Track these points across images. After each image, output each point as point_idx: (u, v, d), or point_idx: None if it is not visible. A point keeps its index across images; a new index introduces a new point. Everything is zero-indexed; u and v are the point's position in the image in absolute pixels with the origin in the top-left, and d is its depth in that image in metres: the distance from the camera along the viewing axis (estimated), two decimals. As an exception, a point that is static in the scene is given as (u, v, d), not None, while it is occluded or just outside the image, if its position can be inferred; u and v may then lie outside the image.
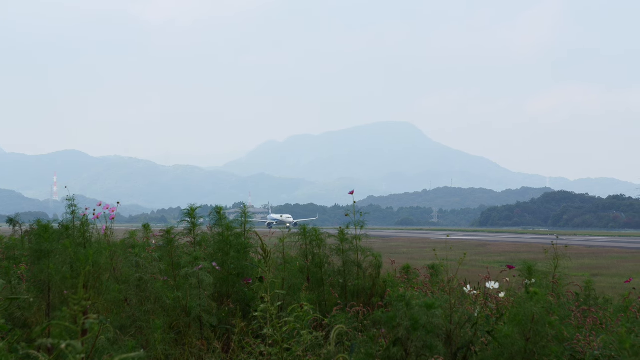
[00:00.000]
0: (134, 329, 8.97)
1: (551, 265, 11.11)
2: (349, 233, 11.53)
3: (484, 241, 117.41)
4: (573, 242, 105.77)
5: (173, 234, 10.65)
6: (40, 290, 9.13)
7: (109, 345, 7.20)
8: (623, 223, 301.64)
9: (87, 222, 11.27)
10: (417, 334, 7.22)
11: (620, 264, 61.91)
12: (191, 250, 10.64)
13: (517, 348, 7.51)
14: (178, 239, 10.75)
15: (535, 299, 7.51)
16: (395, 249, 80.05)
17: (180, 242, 10.85)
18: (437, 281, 12.37)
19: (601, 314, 9.94)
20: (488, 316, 8.91)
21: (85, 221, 11.26)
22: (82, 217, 11.33)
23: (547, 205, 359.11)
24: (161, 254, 10.32)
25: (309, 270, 11.27)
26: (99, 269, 9.80)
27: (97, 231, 11.89)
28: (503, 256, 68.79)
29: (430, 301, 7.39)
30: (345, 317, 9.16)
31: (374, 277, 11.41)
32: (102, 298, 9.51)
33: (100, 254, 9.82)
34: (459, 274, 10.54)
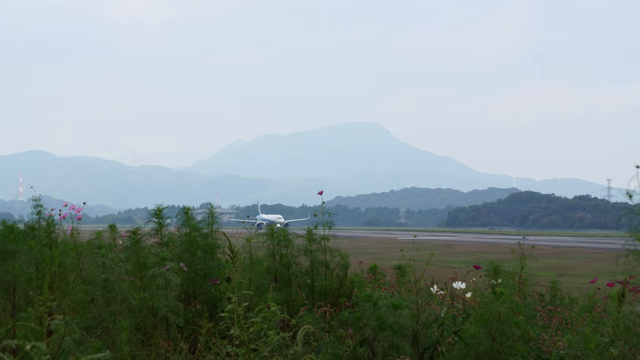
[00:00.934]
0: (100, 330, 8.91)
1: (517, 266, 11.17)
2: (317, 233, 11.53)
3: (451, 241, 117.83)
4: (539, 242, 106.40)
5: (140, 235, 10.61)
6: (5, 291, 9.06)
7: (75, 346, 7.15)
8: (589, 223, 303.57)
9: (53, 223, 11.22)
10: (384, 334, 7.22)
11: (586, 264, 62.31)
12: (158, 251, 10.59)
13: (484, 348, 7.53)
14: (145, 239, 10.70)
15: (501, 299, 7.53)
16: (363, 249, 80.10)
17: (147, 242, 10.81)
18: (404, 281, 12.39)
19: (567, 313, 9.99)
20: (455, 316, 8.94)
21: (51, 222, 11.20)
22: (48, 217, 11.28)
23: (513, 206, 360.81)
24: (128, 254, 10.27)
25: (276, 271, 11.26)
26: (65, 270, 9.75)
27: (63, 232, 11.83)
28: (470, 256, 69.04)
29: (397, 301, 7.39)
30: (313, 318, 9.16)
31: (342, 277, 11.42)
32: (68, 299, 9.46)
33: (66, 255, 9.77)
34: (426, 274, 10.56)
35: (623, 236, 4.77)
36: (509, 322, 7.51)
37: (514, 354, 7.61)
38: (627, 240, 4.74)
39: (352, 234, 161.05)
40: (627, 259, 4.74)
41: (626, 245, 4.74)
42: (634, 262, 4.75)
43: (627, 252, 4.74)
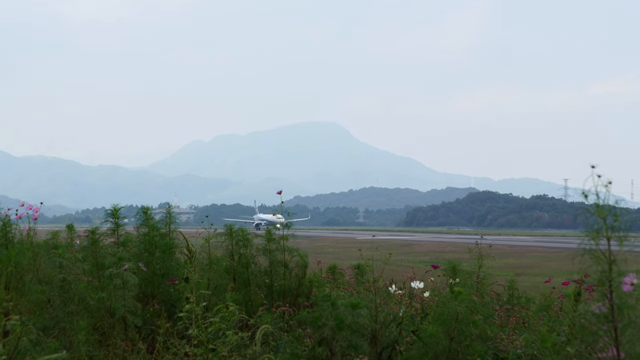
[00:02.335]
0: (57, 330, 8.85)
1: (475, 265, 11.23)
2: (276, 233, 11.52)
3: (410, 241, 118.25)
4: (497, 241, 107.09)
5: (98, 235, 10.54)
6: (-40, 292, 8.98)
7: (32, 346, 7.09)
8: (546, 223, 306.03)
9: (9, 223, 11.10)
10: (343, 334, 7.23)
11: (543, 264, 62.77)
12: (116, 251, 10.53)
13: (442, 347, 7.57)
14: (103, 239, 10.64)
15: (459, 299, 7.57)
16: (322, 249, 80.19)
17: (105, 242, 10.74)
18: (362, 281, 12.42)
19: (524, 313, 10.06)
20: (413, 316, 8.98)
21: (7, 222, 11.09)
22: (4, 217, 11.16)
23: (471, 205, 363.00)
24: (85, 254, 10.20)
25: (235, 271, 11.23)
26: (21, 270, 9.66)
27: (19, 232, 11.71)
28: (428, 256, 69.32)
29: (355, 301, 7.41)
30: (271, 317, 9.15)
31: (300, 277, 11.42)
32: (24, 299, 9.37)
33: (22, 255, 9.68)
34: (384, 273, 10.58)
35: (579, 235, 4.81)
36: (467, 321, 7.55)
37: (472, 353, 7.65)
38: (582, 240, 4.77)
39: (311, 233, 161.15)
40: (582, 258, 4.78)
41: (582, 244, 4.77)
42: (589, 262, 4.79)
43: (583, 251, 4.77)
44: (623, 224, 4.72)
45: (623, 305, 4.79)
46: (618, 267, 4.77)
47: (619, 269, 4.77)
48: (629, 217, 4.93)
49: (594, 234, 4.73)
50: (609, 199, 4.70)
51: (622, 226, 4.71)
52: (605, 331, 4.82)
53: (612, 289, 4.78)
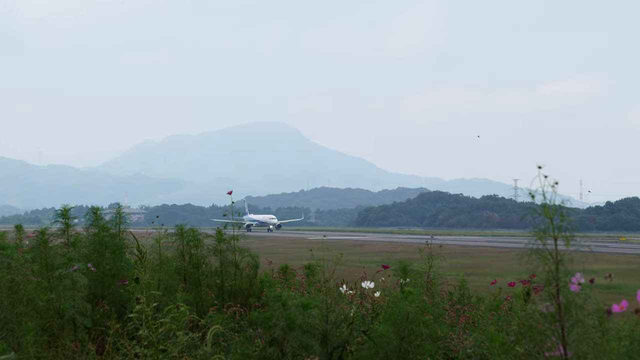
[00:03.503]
0: (5, 332, 8.77)
1: (426, 265, 11.28)
2: (227, 233, 11.49)
3: (361, 241, 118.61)
4: (448, 242, 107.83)
5: (47, 235, 10.46)
6: None
7: (-21, 348, 7.03)
8: (496, 223, 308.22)
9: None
10: (293, 334, 7.25)
11: (493, 264, 63.29)
12: (65, 252, 10.45)
13: (392, 347, 7.60)
14: (52, 240, 10.55)
15: (409, 299, 7.61)
16: (273, 249, 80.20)
17: (54, 243, 10.66)
18: (314, 281, 12.43)
19: (474, 312, 10.13)
20: (364, 316, 9.01)
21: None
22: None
23: (422, 206, 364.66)
24: (34, 255, 10.12)
25: (185, 271, 11.19)
26: (-32, 271, 9.58)
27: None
28: (379, 256, 69.57)
29: (306, 301, 7.43)
30: (222, 318, 9.14)
31: (251, 277, 11.41)
32: (-28, 300, 9.29)
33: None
34: (335, 273, 10.61)
35: (527, 235, 4.86)
36: (417, 321, 7.60)
37: (422, 353, 7.70)
38: (529, 240, 4.83)
39: (261, 234, 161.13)
40: (530, 258, 4.83)
41: (529, 244, 4.83)
42: (537, 262, 4.84)
43: (530, 251, 4.82)
44: (569, 224, 4.77)
45: (570, 305, 4.85)
46: (565, 267, 4.83)
47: (565, 268, 4.83)
48: (576, 217, 4.99)
49: (541, 234, 4.78)
50: (555, 199, 4.76)
51: (569, 226, 4.77)
52: (553, 330, 4.88)
53: (559, 289, 4.84)
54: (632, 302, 5.23)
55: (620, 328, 6.84)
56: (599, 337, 5.21)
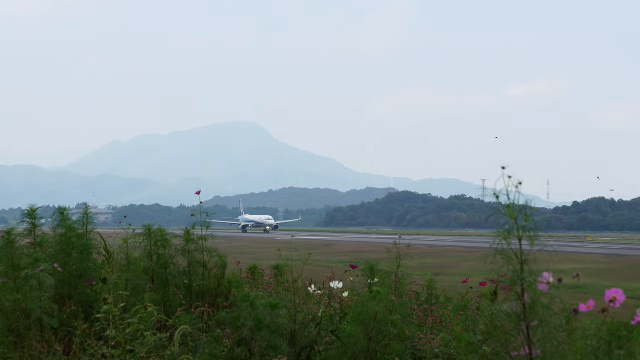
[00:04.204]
0: (-29, 333, 8.73)
1: (394, 265, 11.32)
2: (195, 233, 11.46)
3: (329, 241, 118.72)
4: (416, 241, 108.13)
5: (14, 235, 10.40)
6: None
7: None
8: (464, 223, 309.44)
9: None
10: (261, 334, 7.26)
11: (461, 263, 63.56)
12: (32, 252, 10.40)
13: (360, 347, 7.63)
14: (19, 240, 10.49)
15: (377, 299, 7.64)
16: (241, 249, 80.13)
17: (21, 243, 10.60)
18: (282, 281, 12.44)
19: (441, 312, 10.18)
20: (332, 316, 9.04)
21: None
22: None
23: (390, 206, 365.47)
24: (0, 255, 10.07)
25: (153, 271, 11.16)
26: None
27: None
28: (348, 256, 69.67)
29: (274, 301, 7.44)
30: (190, 318, 9.12)
31: (219, 277, 11.39)
32: (-63, 301, 9.23)
33: None
34: (304, 273, 10.64)
35: (493, 235, 4.90)
36: (386, 321, 7.63)
37: (390, 353, 7.73)
38: (494, 240, 4.86)
39: (230, 234, 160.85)
40: (495, 258, 4.87)
41: (494, 244, 4.86)
42: (501, 262, 4.88)
43: (496, 251, 4.86)
44: (534, 224, 4.81)
45: (536, 305, 4.88)
46: (529, 267, 4.86)
47: (530, 268, 4.86)
48: (541, 217, 5.03)
49: (506, 234, 4.82)
50: (520, 199, 4.79)
51: (533, 226, 4.81)
52: (519, 330, 4.91)
53: (524, 289, 4.88)
54: (599, 302, 5.27)
55: (587, 327, 6.90)
56: (565, 337, 5.26)
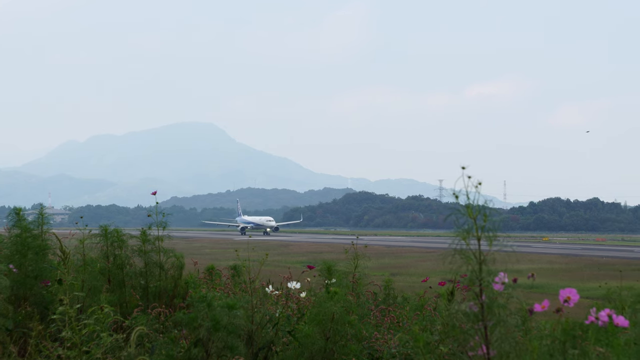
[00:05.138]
0: None
1: (351, 265, 11.34)
2: (151, 234, 11.40)
3: (287, 242, 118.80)
4: (373, 242, 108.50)
5: (-33, 237, 10.31)
6: None
7: None
8: (421, 223, 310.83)
9: None
10: (219, 335, 7.23)
11: (419, 264, 63.87)
12: (-14, 253, 10.30)
13: (317, 347, 7.62)
14: (-28, 241, 10.40)
15: (335, 299, 7.64)
16: (199, 249, 79.97)
17: (-26, 244, 10.50)
18: (239, 282, 12.42)
19: (399, 312, 10.20)
20: (289, 316, 9.03)
21: None
22: None
23: (348, 206, 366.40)
24: (-46, 256, 9.96)
25: (110, 272, 11.08)
26: None
27: None
28: (305, 256, 69.73)
29: (231, 302, 7.41)
30: (147, 319, 9.07)
31: (176, 278, 11.33)
32: None
33: None
34: (261, 274, 10.62)
35: (451, 236, 4.91)
36: (343, 321, 7.63)
37: (347, 353, 7.73)
38: (453, 240, 4.87)
39: (188, 234, 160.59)
40: (453, 258, 4.88)
41: (452, 244, 4.87)
42: (460, 262, 4.89)
43: (454, 251, 4.87)
44: (492, 224, 4.83)
45: (493, 304, 4.90)
46: (488, 267, 4.88)
47: (488, 268, 4.88)
48: (499, 218, 5.05)
49: (464, 234, 4.83)
50: (479, 199, 4.81)
51: (492, 226, 4.83)
52: (476, 330, 4.93)
53: (482, 288, 4.89)
54: (554, 302, 5.30)
55: (542, 327, 6.95)
56: (521, 336, 5.28)
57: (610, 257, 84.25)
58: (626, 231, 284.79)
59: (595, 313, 5.30)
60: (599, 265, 67.53)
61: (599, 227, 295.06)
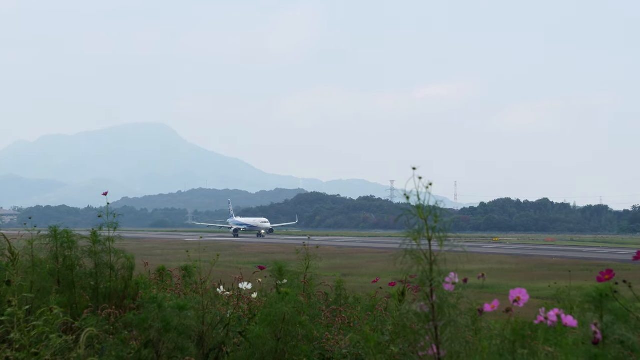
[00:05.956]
0: None
1: (303, 266, 11.36)
2: (102, 235, 11.32)
3: (239, 242, 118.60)
4: (325, 242, 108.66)
5: None
6: None
7: None
8: (373, 223, 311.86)
9: None
10: (169, 336, 7.19)
11: (370, 264, 64.05)
12: None
13: (268, 348, 7.62)
14: None
15: (286, 299, 7.64)
16: (150, 250, 79.59)
17: None
18: (190, 282, 12.38)
19: (349, 312, 10.22)
20: (240, 317, 9.01)
21: None
22: None
23: (300, 207, 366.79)
24: None
25: (59, 273, 10.98)
26: None
27: None
28: (257, 257, 69.72)
29: (182, 303, 7.38)
30: (97, 320, 9.00)
31: (127, 279, 11.26)
32: None
33: None
34: (213, 275, 10.59)
35: (402, 236, 4.92)
36: (294, 321, 7.63)
37: (298, 354, 7.74)
38: (404, 240, 4.88)
39: (139, 235, 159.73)
40: (404, 258, 4.89)
41: (404, 245, 4.89)
42: (411, 262, 4.90)
43: (405, 251, 4.88)
44: (443, 224, 4.85)
45: (444, 305, 4.92)
46: (438, 267, 4.90)
47: (439, 268, 4.91)
48: (450, 218, 5.07)
49: (415, 235, 4.85)
50: (430, 200, 4.83)
51: (443, 227, 4.85)
52: (427, 330, 4.95)
53: (433, 289, 4.91)
54: (504, 302, 5.34)
55: (492, 327, 7.00)
56: (471, 336, 5.31)
57: (560, 257, 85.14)
58: (575, 231, 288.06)
59: (544, 313, 5.34)
60: (548, 265, 68.18)
61: (549, 228, 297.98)
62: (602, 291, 5.06)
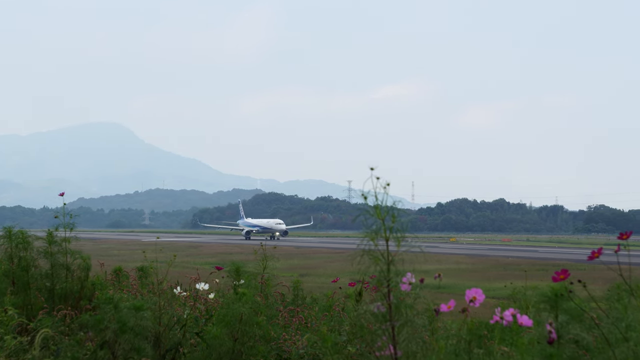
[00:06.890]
0: None
1: (260, 266, 11.35)
2: (58, 235, 11.23)
3: (197, 243, 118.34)
4: (283, 242, 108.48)
5: None
6: None
7: None
8: (330, 224, 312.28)
9: None
10: (125, 337, 7.15)
11: (327, 264, 64.08)
12: None
13: (225, 348, 7.60)
14: None
15: (243, 300, 7.63)
16: (107, 251, 79.17)
17: None
18: (147, 283, 12.33)
19: (307, 313, 10.23)
20: (197, 317, 9.00)
21: None
22: None
23: (257, 207, 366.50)
24: None
25: (14, 274, 10.89)
26: None
27: None
28: (215, 257, 69.52)
29: (138, 303, 7.34)
30: (52, 321, 8.94)
31: (83, 279, 11.19)
32: None
33: None
34: (170, 275, 10.55)
35: (360, 236, 4.93)
36: (251, 322, 7.62)
37: (256, 354, 7.73)
38: (362, 240, 4.89)
39: (95, 235, 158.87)
40: (362, 258, 4.90)
41: (361, 245, 4.89)
42: (369, 262, 4.91)
43: (363, 252, 4.89)
44: (401, 225, 4.86)
45: (401, 305, 4.94)
46: (396, 267, 4.91)
47: (396, 268, 4.92)
48: (407, 218, 5.09)
49: (373, 235, 4.86)
50: (387, 200, 4.84)
51: (400, 227, 4.86)
52: (384, 330, 4.96)
53: (390, 289, 4.92)
54: (460, 302, 5.36)
55: (449, 327, 7.03)
56: (428, 336, 5.33)
57: (516, 257, 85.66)
58: (531, 231, 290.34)
59: (500, 313, 5.38)
60: (504, 265, 68.57)
61: (505, 228, 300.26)
62: (557, 291, 5.09)
